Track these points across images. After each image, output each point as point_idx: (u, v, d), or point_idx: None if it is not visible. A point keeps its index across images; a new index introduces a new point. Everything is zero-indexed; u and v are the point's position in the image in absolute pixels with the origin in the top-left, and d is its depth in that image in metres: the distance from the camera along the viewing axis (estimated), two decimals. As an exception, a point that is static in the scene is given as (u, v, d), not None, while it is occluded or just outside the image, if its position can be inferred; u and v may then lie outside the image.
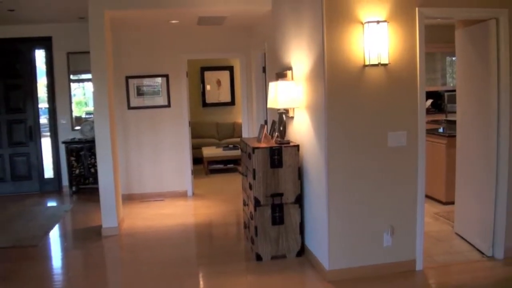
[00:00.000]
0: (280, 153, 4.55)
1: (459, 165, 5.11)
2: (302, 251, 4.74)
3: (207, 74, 11.36)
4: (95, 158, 6.26)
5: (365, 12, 3.93)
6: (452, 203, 5.45)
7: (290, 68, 4.99)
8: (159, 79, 7.59)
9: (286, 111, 4.98)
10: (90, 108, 8.23)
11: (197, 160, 9.59)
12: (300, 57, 4.66)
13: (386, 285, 4.04)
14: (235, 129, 11.18)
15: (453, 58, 9.08)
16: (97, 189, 5.81)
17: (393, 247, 4.22)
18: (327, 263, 4.13)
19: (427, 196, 5.71)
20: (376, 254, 4.20)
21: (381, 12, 3.96)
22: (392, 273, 4.21)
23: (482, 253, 4.60)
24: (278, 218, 4.62)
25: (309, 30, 4.30)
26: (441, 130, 7.02)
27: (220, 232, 5.92)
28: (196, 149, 9.79)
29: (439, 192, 6.42)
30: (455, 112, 5.31)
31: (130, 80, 7.49)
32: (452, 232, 5.24)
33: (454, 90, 5.37)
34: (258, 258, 4.65)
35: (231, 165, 9.66)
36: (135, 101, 7.55)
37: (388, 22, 3.94)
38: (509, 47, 4.30)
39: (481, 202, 4.65)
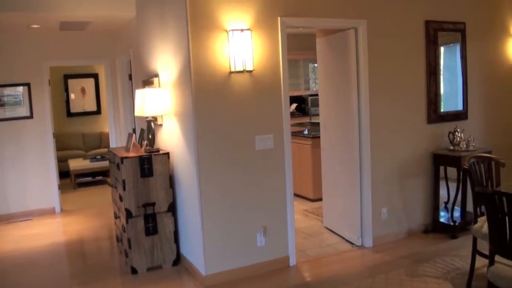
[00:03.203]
0: (150, 162, 4.46)
1: (324, 163, 5.45)
2: (178, 259, 4.70)
3: (71, 82, 10.75)
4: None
5: (229, 21, 4.01)
6: (320, 199, 5.81)
7: (156, 75, 4.92)
8: (20, 88, 7.00)
9: (155, 118, 4.90)
10: None
11: (64, 173, 9.05)
12: (166, 64, 4.61)
13: (262, 283, 4.15)
14: (102, 139, 10.73)
15: (315, 65, 9.65)
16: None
17: (267, 246, 4.36)
18: (203, 269, 4.14)
19: (296, 195, 6.02)
20: (251, 255, 4.31)
21: (245, 20, 4.07)
22: (267, 271, 4.35)
23: (352, 244, 4.96)
24: (151, 228, 4.52)
25: (175, 37, 4.28)
26: (306, 132, 7.43)
27: (93, 248, 5.63)
28: (62, 162, 9.22)
29: (307, 190, 6.77)
30: (318, 115, 5.65)
31: (-12, 90, 6.83)
32: (322, 227, 5.57)
33: (317, 94, 5.71)
34: (134, 271, 4.51)
35: (100, 177, 9.24)
36: (-6, 112, 6.89)
37: (251, 30, 4.07)
38: (367, 54, 4.71)
39: (347, 196, 5.01)
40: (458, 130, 5.18)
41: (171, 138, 4.66)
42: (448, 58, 5.56)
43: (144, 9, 5.33)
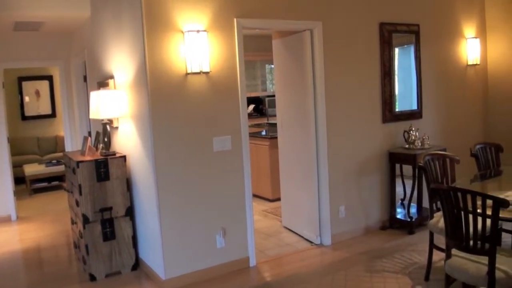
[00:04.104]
0: (106, 165, 4.38)
1: (282, 164, 5.48)
2: (137, 264, 4.63)
3: (25, 84, 10.44)
4: None
5: (185, 22, 3.98)
6: (279, 199, 5.84)
7: (112, 77, 4.84)
8: (-26, 92, 6.75)
9: (110, 121, 4.81)
10: None
11: (19, 179, 8.77)
12: (122, 65, 4.54)
13: (222, 285, 4.14)
14: (57, 143, 10.46)
15: (272, 66, 9.72)
16: None
17: (227, 247, 4.35)
18: (163, 273, 4.09)
19: (255, 195, 6.05)
20: (211, 257, 4.28)
21: (201, 21, 4.05)
22: (228, 272, 4.35)
23: (311, 242, 5.02)
24: (109, 233, 4.44)
25: (130, 37, 4.22)
26: (263, 132, 7.46)
27: (50, 255, 5.48)
28: (16, 167, 8.94)
29: (266, 190, 6.80)
30: (276, 116, 5.68)
31: None
32: (281, 226, 5.61)
33: (274, 95, 5.74)
34: (92, 278, 4.42)
35: (56, 182, 9.01)
36: None
37: (208, 31, 4.05)
38: (323, 55, 4.76)
39: (305, 195, 5.06)
40: (413, 129, 5.30)
41: (128, 140, 4.59)
42: (403, 59, 5.69)
43: (99, 9, 5.23)
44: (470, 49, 6.27)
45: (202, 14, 4.06)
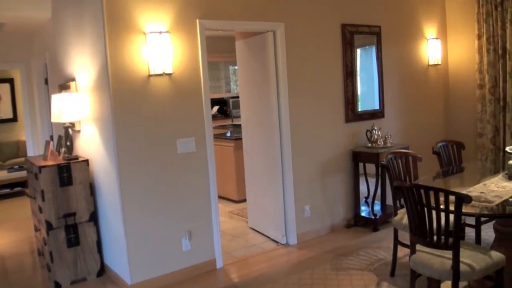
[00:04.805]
0: (69, 170, 4.30)
1: (247, 165, 5.50)
2: (103, 270, 4.57)
3: (-14, 88, 10.14)
4: None
5: (147, 23, 3.96)
6: (244, 200, 5.86)
7: (73, 79, 4.76)
8: None
9: (72, 124, 4.73)
10: None
11: (-21, 186, 8.52)
12: (83, 67, 4.47)
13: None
14: (19, 148, 10.16)
15: (236, 67, 9.74)
16: None
17: (193, 250, 4.34)
18: (129, 278, 4.04)
19: (220, 197, 6.04)
20: (177, 260, 4.26)
21: (164, 22, 4.03)
22: (194, 275, 4.33)
23: (277, 242, 5.05)
24: (73, 239, 4.36)
25: (92, 39, 4.16)
26: (228, 134, 7.47)
27: (13, 264, 5.34)
28: (-23, 174, 8.70)
29: (231, 192, 6.82)
30: (240, 117, 5.70)
31: None
32: (247, 227, 5.62)
33: (238, 97, 5.76)
34: (57, 285, 4.33)
35: (18, 188, 8.77)
36: None
37: (170, 32, 4.03)
38: (286, 56, 4.81)
39: (270, 196, 5.09)
40: (375, 128, 5.40)
41: (90, 144, 4.52)
42: (365, 60, 5.79)
43: (60, 9, 5.13)
44: (431, 49, 6.42)
45: (164, 15, 4.04)
